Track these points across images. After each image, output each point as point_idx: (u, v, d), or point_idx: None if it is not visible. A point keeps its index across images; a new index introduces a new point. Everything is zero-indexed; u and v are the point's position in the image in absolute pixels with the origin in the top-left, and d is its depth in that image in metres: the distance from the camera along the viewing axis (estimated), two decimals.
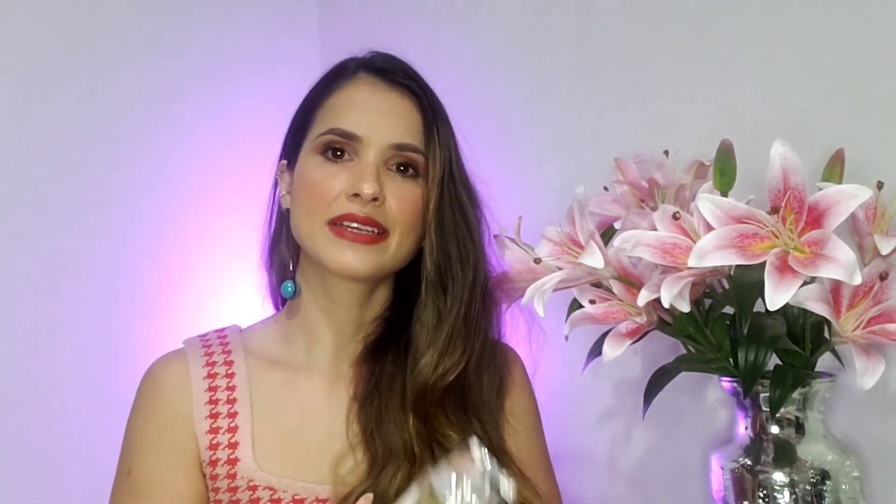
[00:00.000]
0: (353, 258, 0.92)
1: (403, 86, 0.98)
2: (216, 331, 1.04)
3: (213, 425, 0.94)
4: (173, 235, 1.45)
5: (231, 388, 0.96)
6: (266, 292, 1.09)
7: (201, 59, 1.48)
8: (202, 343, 1.01)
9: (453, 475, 0.73)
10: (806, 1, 1.04)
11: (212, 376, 0.97)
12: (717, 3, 1.12)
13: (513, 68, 1.37)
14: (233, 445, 0.93)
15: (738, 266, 0.82)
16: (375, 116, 0.96)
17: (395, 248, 0.95)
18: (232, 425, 0.94)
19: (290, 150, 1.02)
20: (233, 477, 0.93)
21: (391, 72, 0.99)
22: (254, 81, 1.06)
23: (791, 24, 1.05)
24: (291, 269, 1.02)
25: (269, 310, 1.10)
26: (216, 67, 1.47)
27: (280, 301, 1.07)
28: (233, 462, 0.93)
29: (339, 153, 0.95)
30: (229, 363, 0.98)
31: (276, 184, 1.05)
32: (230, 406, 0.95)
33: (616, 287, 0.94)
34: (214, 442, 0.94)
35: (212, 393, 0.96)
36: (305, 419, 0.97)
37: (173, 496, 0.93)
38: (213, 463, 0.93)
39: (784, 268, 0.76)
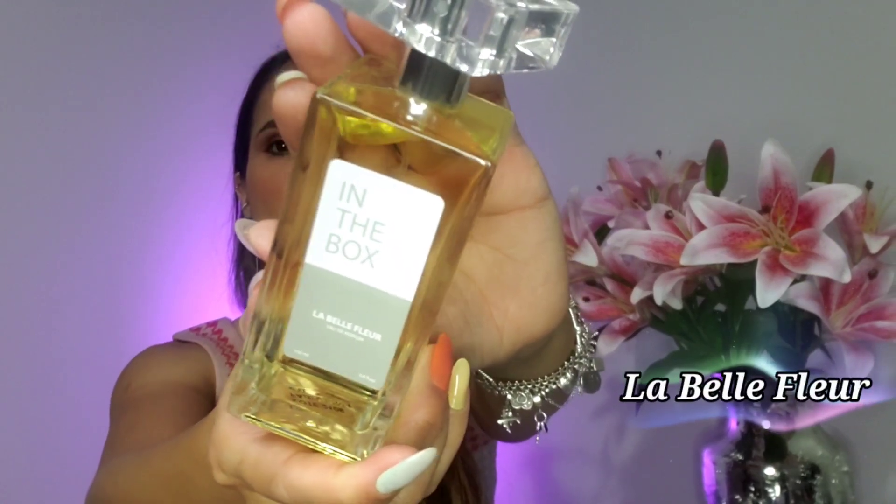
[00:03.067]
0: None
1: None
2: (208, 324, 1.00)
3: None
4: (172, 234, 1.46)
5: None
6: (237, 305, 1.06)
7: (194, 58, 1.48)
8: (200, 334, 0.97)
9: None
10: (797, 3, 1.04)
11: (229, 357, 0.94)
12: (710, 4, 1.13)
13: None
14: None
15: (729, 264, 0.83)
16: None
17: None
18: None
19: (240, 160, 0.97)
20: None
21: None
22: (249, 78, 1.07)
23: (782, 26, 1.05)
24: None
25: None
26: (211, 67, 1.48)
27: None
28: None
29: (282, 145, 0.88)
30: (235, 354, 0.95)
31: (235, 198, 1.01)
32: None
33: (610, 285, 0.95)
34: None
35: (231, 368, 0.92)
36: None
37: (175, 409, 0.82)
38: None
39: (775, 266, 0.77)
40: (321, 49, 0.30)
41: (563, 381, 0.50)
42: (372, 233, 0.27)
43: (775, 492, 0.88)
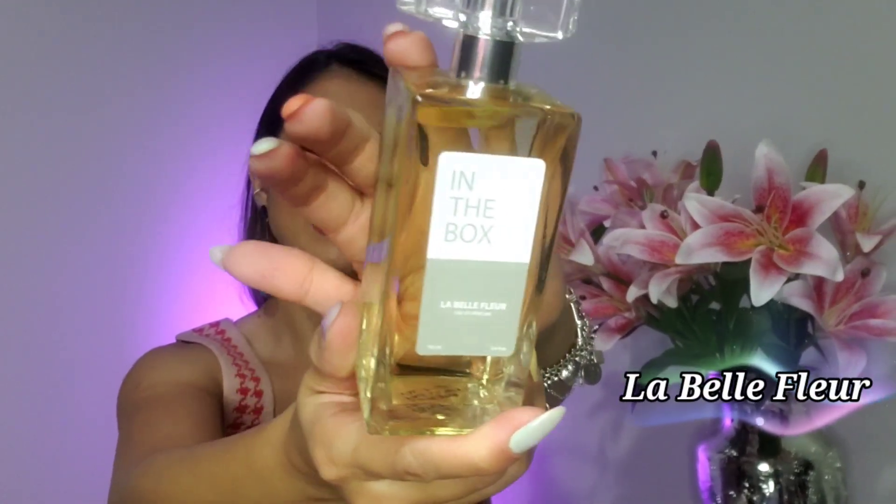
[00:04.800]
0: (339, 255, 0.90)
1: (378, 77, 0.92)
2: (211, 325, 1.01)
3: (243, 402, 0.91)
4: (172, 233, 1.46)
5: (256, 380, 0.93)
6: (244, 290, 1.06)
7: (198, 56, 1.48)
8: (203, 335, 0.98)
9: None
10: (791, 5, 1.05)
11: (234, 357, 0.94)
12: (705, 6, 1.13)
13: None
14: (258, 410, 0.92)
15: (724, 263, 0.84)
16: (351, 109, 0.91)
17: None
18: (258, 405, 0.92)
19: None
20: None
21: (365, 63, 0.93)
22: (251, 78, 1.06)
23: (776, 28, 1.06)
24: None
25: (250, 304, 1.07)
26: (213, 64, 1.48)
27: (260, 299, 1.05)
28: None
29: None
30: (239, 353, 0.96)
31: (248, 182, 1.01)
32: (256, 384, 0.93)
33: (606, 283, 0.96)
34: (243, 403, 0.91)
35: (237, 368, 0.93)
36: None
37: (188, 409, 0.83)
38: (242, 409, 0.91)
39: (769, 265, 0.78)
40: (324, 135, 0.31)
41: (564, 374, 0.51)
42: (485, 211, 0.29)
43: (769, 488, 0.89)
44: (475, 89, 0.30)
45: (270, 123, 0.96)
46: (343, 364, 0.32)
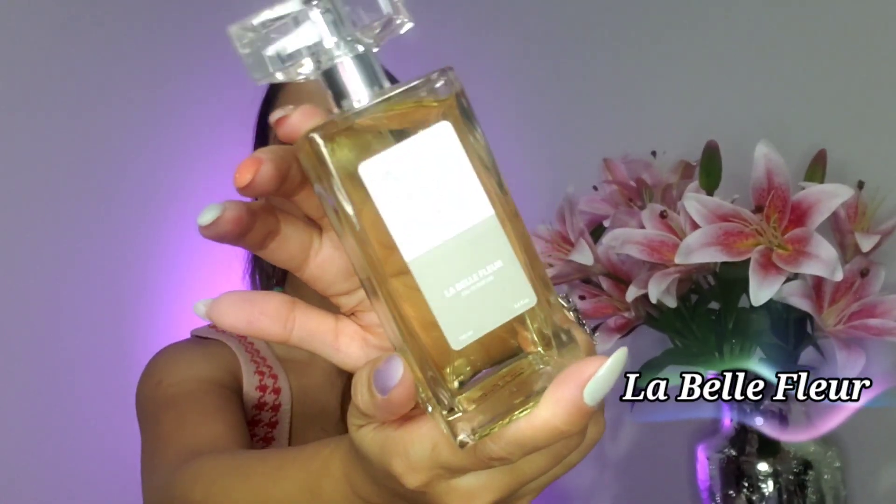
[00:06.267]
0: None
1: None
2: None
3: (261, 399, 0.91)
4: (174, 233, 1.46)
5: (274, 377, 0.93)
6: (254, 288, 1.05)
7: (198, 58, 1.48)
8: (219, 331, 0.96)
9: None
10: (790, 4, 1.05)
11: (252, 354, 0.94)
12: (704, 6, 1.13)
13: (503, 69, 1.38)
14: (275, 407, 0.92)
15: (723, 263, 0.84)
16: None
17: None
18: (276, 402, 0.92)
19: (261, 145, 0.97)
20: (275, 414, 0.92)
21: None
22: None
23: (776, 27, 1.06)
24: (276, 281, 1.00)
25: None
26: (215, 67, 1.47)
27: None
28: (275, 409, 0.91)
29: None
30: (256, 350, 0.96)
31: None
32: (274, 381, 0.93)
33: (605, 283, 0.96)
34: (262, 401, 0.91)
35: (256, 365, 0.93)
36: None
37: (218, 407, 0.83)
38: (261, 406, 0.91)
39: (768, 264, 0.78)
40: (274, 188, 0.33)
41: None
42: (427, 191, 0.29)
43: (768, 487, 0.89)
44: (357, 104, 0.31)
45: (263, 130, 0.97)
46: (404, 412, 0.32)
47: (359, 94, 0.31)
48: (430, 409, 0.31)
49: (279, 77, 0.32)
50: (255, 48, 0.32)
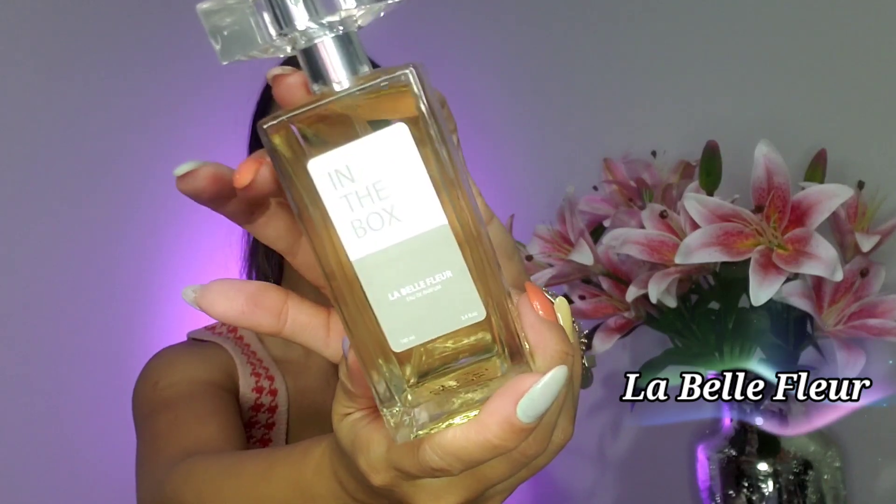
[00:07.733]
0: None
1: None
2: (223, 323, 0.96)
3: (258, 401, 0.91)
4: (174, 235, 1.46)
5: (270, 378, 0.93)
6: None
7: (199, 58, 1.47)
8: (216, 333, 0.97)
9: None
10: (790, 4, 1.05)
11: (248, 356, 0.94)
12: (704, 6, 1.13)
13: (504, 69, 1.38)
14: (272, 409, 0.92)
15: (723, 263, 0.84)
16: None
17: None
18: (273, 403, 0.92)
19: (255, 146, 0.97)
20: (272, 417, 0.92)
21: None
22: (258, 78, 1.07)
23: (776, 27, 1.06)
24: (272, 281, 1.00)
25: None
26: (217, 66, 1.47)
27: None
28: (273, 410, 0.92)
29: None
30: (253, 352, 0.96)
31: None
32: (271, 383, 0.93)
33: (605, 283, 0.96)
34: (259, 402, 0.92)
35: (252, 366, 0.93)
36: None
37: (212, 408, 0.83)
38: (257, 408, 0.91)
39: (768, 265, 0.78)
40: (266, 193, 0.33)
41: None
42: (378, 193, 0.28)
43: (768, 487, 0.89)
44: (319, 90, 0.30)
45: (261, 115, 0.96)
46: (364, 384, 0.32)
47: (329, 77, 0.30)
48: (382, 397, 0.31)
49: (244, 58, 0.32)
50: (224, 25, 0.31)
